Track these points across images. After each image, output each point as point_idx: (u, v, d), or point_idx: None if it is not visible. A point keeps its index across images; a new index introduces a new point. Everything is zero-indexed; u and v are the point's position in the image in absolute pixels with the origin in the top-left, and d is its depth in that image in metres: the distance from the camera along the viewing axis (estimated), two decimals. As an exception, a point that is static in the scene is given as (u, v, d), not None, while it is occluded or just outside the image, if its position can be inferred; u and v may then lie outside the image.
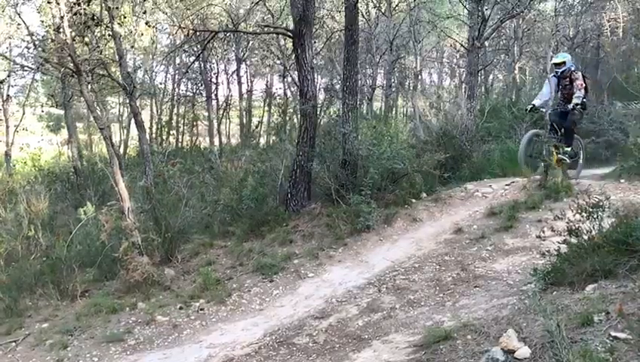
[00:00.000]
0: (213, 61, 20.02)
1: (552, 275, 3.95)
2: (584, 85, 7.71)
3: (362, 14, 14.94)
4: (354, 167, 7.85)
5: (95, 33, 8.21)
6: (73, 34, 7.34)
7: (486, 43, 15.62)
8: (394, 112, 23.52)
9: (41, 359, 4.81)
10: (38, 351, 4.93)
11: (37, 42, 11.49)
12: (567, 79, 7.81)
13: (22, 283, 6.23)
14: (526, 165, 7.66)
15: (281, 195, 8.31)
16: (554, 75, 7.99)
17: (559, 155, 7.76)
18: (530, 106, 8.12)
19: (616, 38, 17.00)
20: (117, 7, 8.42)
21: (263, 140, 19.13)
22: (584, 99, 7.69)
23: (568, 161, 7.89)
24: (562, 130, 7.91)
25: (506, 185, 8.16)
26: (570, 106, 7.59)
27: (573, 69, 7.80)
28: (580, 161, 8.52)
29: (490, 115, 12.84)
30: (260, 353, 4.33)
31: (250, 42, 18.44)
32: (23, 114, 18.58)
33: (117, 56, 8.56)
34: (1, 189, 9.97)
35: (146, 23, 10.84)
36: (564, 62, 7.80)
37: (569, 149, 7.90)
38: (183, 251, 7.35)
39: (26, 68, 13.21)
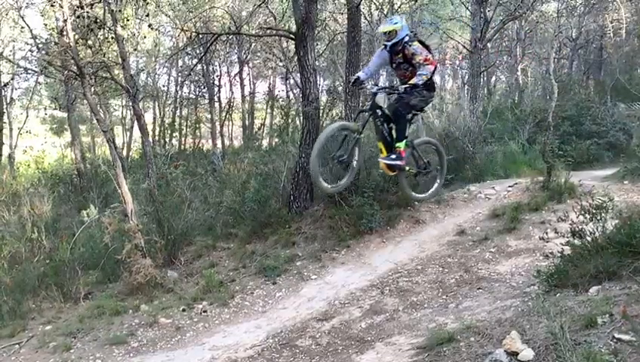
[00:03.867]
0: (216, 63, 20.03)
1: (555, 277, 3.94)
2: (430, 60, 5.47)
3: (364, 16, 14.94)
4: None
5: (98, 36, 8.23)
6: (76, 37, 7.37)
7: (488, 44, 15.63)
8: (396, 114, 23.46)
9: (44, 361, 4.82)
10: (41, 353, 4.94)
11: (40, 45, 11.55)
12: (401, 55, 5.57)
13: (25, 286, 6.24)
14: (323, 171, 5.58)
15: (283, 197, 8.30)
16: (384, 48, 5.71)
17: (385, 161, 5.66)
18: (355, 78, 5.88)
19: (619, 39, 16.97)
20: (120, 10, 8.44)
21: (265, 142, 19.12)
22: (429, 80, 5.52)
23: (400, 165, 5.66)
24: (393, 118, 5.65)
25: (509, 186, 8.16)
26: (401, 88, 5.42)
27: (407, 40, 5.52)
28: (438, 179, 6.32)
29: (493, 116, 12.82)
30: (263, 355, 4.33)
31: (253, 44, 18.45)
32: (27, 116, 18.62)
33: (120, 59, 8.56)
34: (4, 192, 10.00)
35: (149, 26, 10.87)
36: (394, 32, 5.52)
37: (402, 144, 5.62)
38: (185, 253, 7.36)
39: (29, 71, 13.35)
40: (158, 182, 8.08)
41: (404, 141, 5.66)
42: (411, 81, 5.37)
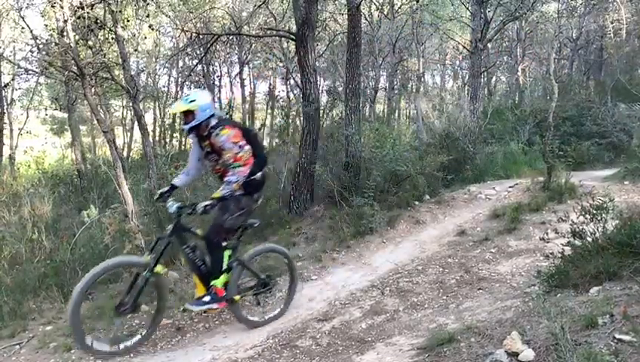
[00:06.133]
0: (216, 64, 20.08)
1: (555, 277, 3.94)
2: (244, 159, 4.15)
3: (365, 17, 14.95)
4: (357, 169, 7.85)
5: (98, 36, 8.24)
6: (77, 37, 7.38)
7: (489, 45, 15.63)
8: (397, 115, 23.54)
9: (45, 361, 4.81)
10: (41, 353, 4.93)
11: (41, 46, 11.54)
12: (208, 143, 4.25)
13: (26, 286, 6.23)
14: (85, 333, 4.13)
15: (284, 198, 8.31)
16: (194, 134, 4.33)
17: (193, 307, 4.45)
18: (165, 189, 4.50)
19: (619, 40, 16.99)
20: (120, 11, 8.44)
21: (265, 143, 19.15)
22: (252, 179, 4.29)
23: (218, 308, 4.54)
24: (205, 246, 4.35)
25: (510, 187, 8.17)
26: (200, 207, 4.02)
27: (214, 123, 4.18)
28: (288, 294, 5.18)
29: (493, 116, 12.84)
30: (264, 356, 4.32)
31: (253, 45, 18.49)
32: (27, 117, 18.67)
33: (120, 60, 8.57)
34: (5, 192, 10.00)
35: (150, 26, 10.91)
36: (190, 112, 4.13)
37: (219, 281, 4.34)
38: (186, 254, 7.34)
39: (30, 71, 13.32)
40: (159, 182, 8.08)
41: (223, 275, 4.33)
42: (215, 194, 4.08)
